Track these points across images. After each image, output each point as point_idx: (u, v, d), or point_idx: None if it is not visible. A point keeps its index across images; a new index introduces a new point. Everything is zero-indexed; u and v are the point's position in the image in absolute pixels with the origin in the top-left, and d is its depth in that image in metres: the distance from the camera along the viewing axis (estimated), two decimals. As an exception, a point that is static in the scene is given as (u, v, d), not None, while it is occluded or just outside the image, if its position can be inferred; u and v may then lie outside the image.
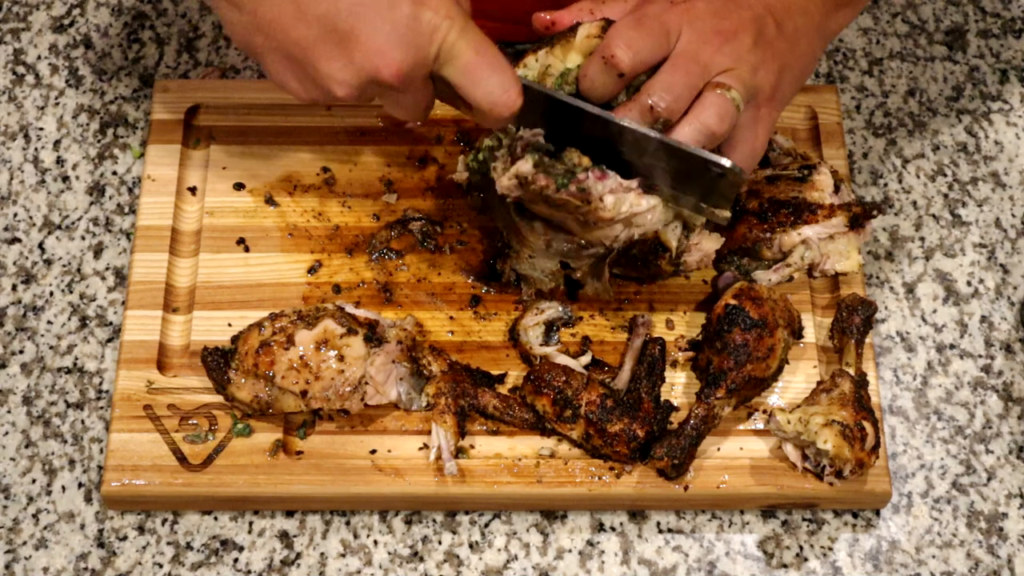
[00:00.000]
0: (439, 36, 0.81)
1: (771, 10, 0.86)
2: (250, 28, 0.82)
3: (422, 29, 0.80)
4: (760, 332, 0.90)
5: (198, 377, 0.94)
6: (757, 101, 0.85)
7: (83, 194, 1.05)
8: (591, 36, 0.87)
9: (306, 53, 0.81)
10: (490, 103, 0.82)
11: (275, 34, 0.81)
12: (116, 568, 0.91)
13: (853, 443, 0.88)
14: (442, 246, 1.01)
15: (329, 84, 0.82)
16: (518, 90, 0.83)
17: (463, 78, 0.82)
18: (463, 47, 0.81)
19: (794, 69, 0.88)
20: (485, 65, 0.82)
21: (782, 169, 0.99)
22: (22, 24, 1.14)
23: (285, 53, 0.82)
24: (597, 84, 0.84)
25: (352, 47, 0.80)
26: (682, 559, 0.92)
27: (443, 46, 0.81)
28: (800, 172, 0.98)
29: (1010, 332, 1.01)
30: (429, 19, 0.80)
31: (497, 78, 0.82)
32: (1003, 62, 1.14)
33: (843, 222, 0.96)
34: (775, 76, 0.86)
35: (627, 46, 0.83)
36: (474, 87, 0.82)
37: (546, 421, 0.92)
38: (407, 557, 0.92)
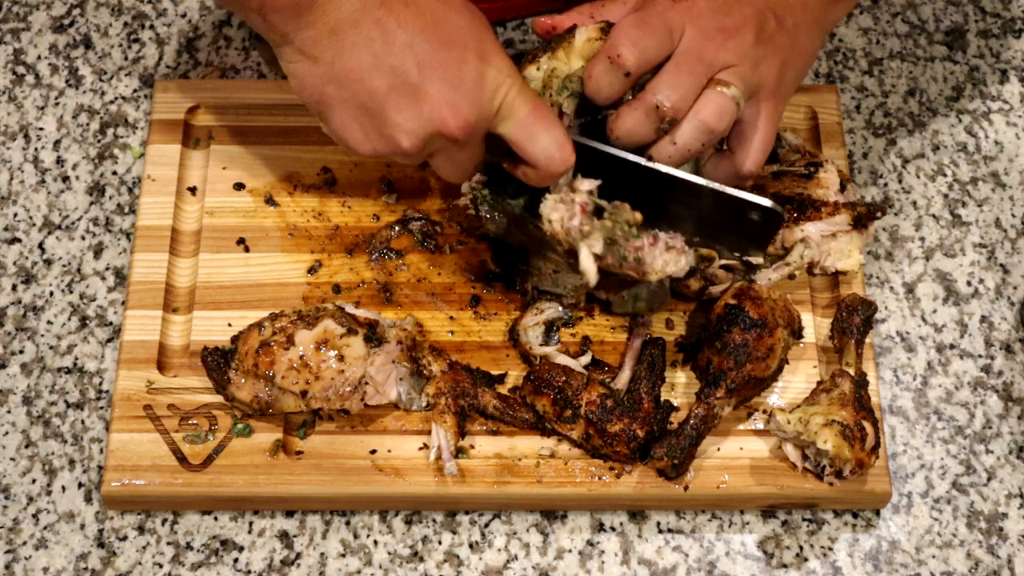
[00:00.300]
0: (501, 93, 0.84)
1: (771, 6, 0.87)
2: (324, 79, 0.85)
3: (487, 85, 0.83)
4: (760, 332, 0.90)
5: (198, 377, 0.94)
6: (761, 95, 0.86)
7: (83, 194, 1.05)
8: (591, 39, 0.87)
9: (378, 103, 0.84)
10: (547, 158, 0.85)
11: (350, 84, 0.84)
12: (116, 568, 0.91)
13: (853, 443, 0.88)
14: (442, 246, 1.01)
15: (396, 134, 0.84)
16: (571, 146, 0.86)
17: (521, 133, 0.85)
18: (521, 104, 0.85)
19: (796, 63, 0.89)
20: (541, 121, 0.85)
21: (788, 166, 0.99)
22: (22, 24, 1.14)
23: (357, 103, 0.85)
24: (603, 85, 0.85)
25: (422, 99, 0.83)
26: (682, 559, 0.92)
27: (504, 103, 0.84)
28: (806, 169, 0.98)
29: (1010, 332, 1.01)
30: (493, 76, 0.84)
31: (552, 133, 0.85)
32: (1003, 62, 1.14)
33: (846, 220, 0.96)
34: (778, 70, 0.87)
35: (632, 45, 0.83)
36: (531, 143, 0.85)
37: (546, 421, 0.92)
38: (407, 557, 0.92)
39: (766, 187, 0.97)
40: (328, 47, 0.84)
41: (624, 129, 0.85)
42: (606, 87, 0.85)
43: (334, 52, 0.84)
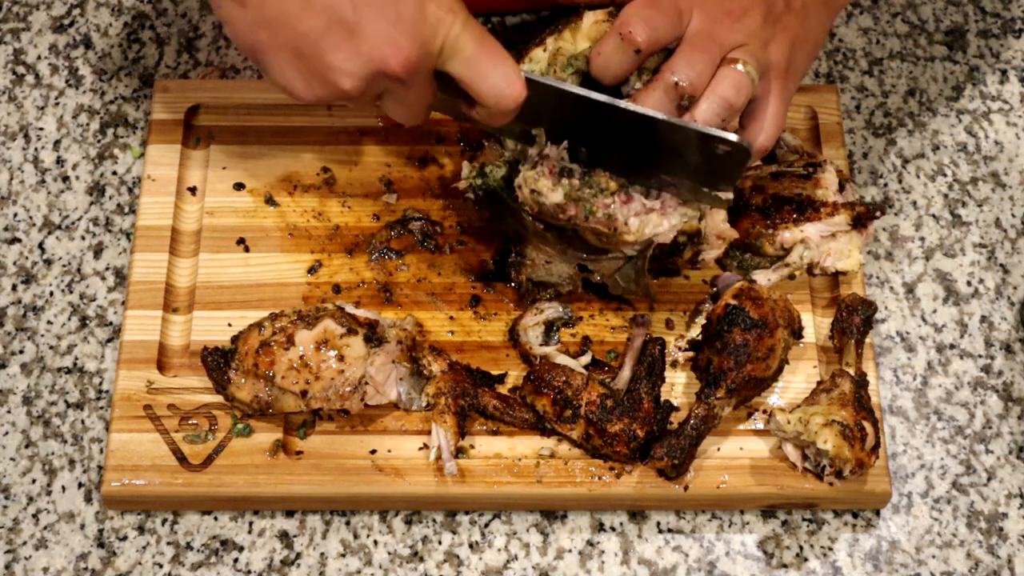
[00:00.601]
0: (443, 29, 0.81)
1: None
2: (255, 24, 0.82)
3: (428, 21, 0.80)
4: (760, 332, 0.90)
5: (198, 377, 0.94)
6: (771, 75, 0.87)
7: (83, 194, 1.05)
8: (599, 21, 0.88)
9: (313, 46, 0.81)
10: (496, 95, 0.83)
11: (281, 28, 0.81)
12: (116, 568, 0.91)
13: (853, 443, 0.88)
14: (442, 246, 1.01)
15: (336, 77, 0.81)
16: (522, 82, 0.83)
17: (468, 70, 0.83)
18: (467, 40, 0.82)
19: (805, 43, 0.89)
20: (489, 57, 0.82)
21: (788, 166, 0.99)
22: (22, 24, 1.14)
23: (291, 48, 0.82)
24: (612, 62, 0.85)
25: (359, 38, 0.80)
26: (682, 559, 0.92)
27: (447, 39, 0.81)
28: (805, 170, 0.98)
29: (1010, 332, 1.01)
30: (434, 12, 0.81)
31: (501, 69, 0.83)
32: (1003, 62, 1.14)
33: (846, 220, 0.96)
34: (787, 50, 0.87)
35: (643, 22, 0.84)
36: (479, 79, 0.83)
37: (546, 421, 0.92)
38: (407, 557, 0.92)
39: (765, 187, 0.97)
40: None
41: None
42: (615, 64, 0.85)
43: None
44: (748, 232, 0.97)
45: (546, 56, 0.89)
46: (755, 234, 0.97)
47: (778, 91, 0.87)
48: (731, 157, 0.85)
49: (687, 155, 0.86)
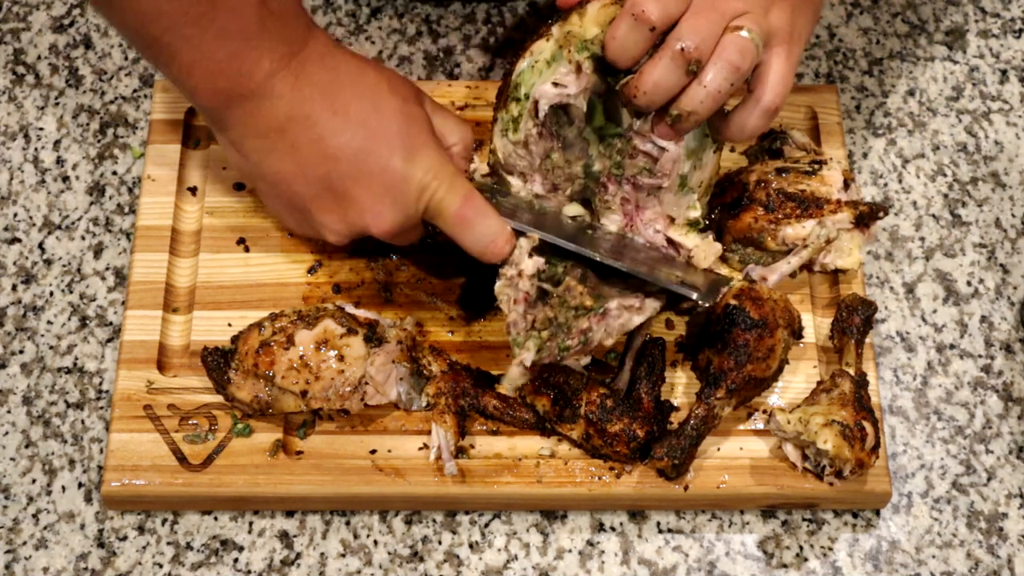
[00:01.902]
0: (427, 195, 0.87)
1: None
2: (254, 176, 0.90)
3: (411, 189, 0.87)
4: (760, 332, 0.90)
5: (198, 377, 0.94)
6: (775, 41, 0.87)
7: (83, 194, 1.05)
8: (605, 5, 0.87)
9: (304, 205, 0.89)
10: (480, 250, 0.89)
11: (276, 185, 0.89)
12: (116, 568, 0.91)
13: (853, 443, 0.88)
14: (442, 246, 1.01)
15: (323, 232, 0.90)
16: (506, 239, 0.88)
17: (453, 229, 0.89)
18: (449, 203, 0.88)
19: (805, 10, 0.90)
20: (473, 215, 0.88)
21: (793, 162, 0.99)
22: (22, 24, 1.14)
23: (285, 200, 0.90)
24: (628, 42, 0.85)
25: (346, 205, 0.87)
26: (682, 559, 0.92)
27: (431, 202, 0.88)
28: (810, 166, 0.98)
29: (1010, 332, 1.01)
30: (420, 178, 0.87)
31: (485, 225, 0.88)
32: (1003, 62, 1.14)
33: (848, 218, 0.96)
34: (789, 15, 0.88)
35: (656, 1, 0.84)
36: (463, 236, 0.89)
37: (546, 421, 0.92)
38: (407, 557, 0.92)
39: (769, 183, 0.97)
40: (255, 149, 0.88)
41: (651, 82, 0.84)
42: (632, 45, 0.85)
43: (260, 155, 0.88)
44: (751, 227, 0.97)
45: (551, 44, 0.89)
46: (758, 229, 0.97)
47: (783, 54, 0.88)
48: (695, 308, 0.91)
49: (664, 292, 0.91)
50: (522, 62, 0.90)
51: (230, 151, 0.91)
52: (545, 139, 0.91)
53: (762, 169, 0.99)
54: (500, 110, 0.92)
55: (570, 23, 0.88)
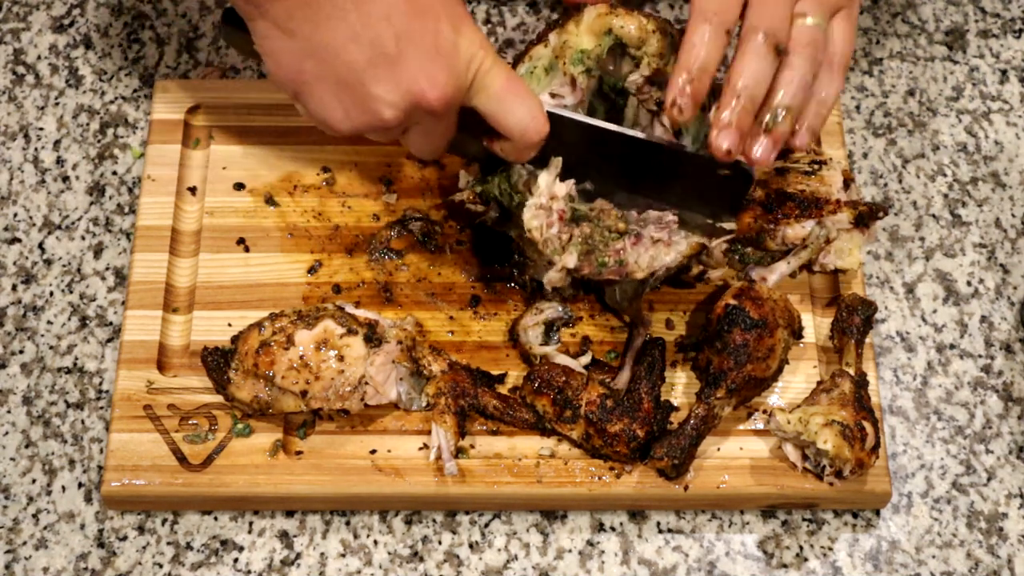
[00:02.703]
0: (475, 64, 0.85)
1: None
2: (302, 54, 0.85)
3: (461, 56, 0.84)
4: (760, 332, 0.90)
5: (198, 377, 0.94)
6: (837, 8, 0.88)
7: (83, 194, 1.05)
8: (601, 15, 0.88)
9: (357, 76, 0.84)
10: (522, 129, 0.86)
11: (327, 58, 0.84)
12: (116, 568, 0.91)
13: (853, 443, 0.88)
14: (442, 246, 1.01)
15: (377, 106, 0.84)
16: (545, 117, 0.86)
17: (496, 104, 0.86)
18: (495, 75, 0.85)
19: None
20: (515, 93, 0.86)
21: (793, 162, 0.99)
22: (22, 24, 1.14)
23: (335, 78, 0.84)
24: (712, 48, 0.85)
25: (401, 71, 0.83)
26: (682, 559, 0.92)
27: (478, 74, 0.85)
28: (810, 166, 0.98)
29: (1010, 332, 1.01)
30: (467, 47, 0.84)
31: (527, 104, 0.86)
32: (1003, 62, 1.14)
33: (848, 219, 0.96)
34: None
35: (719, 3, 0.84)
36: (506, 114, 0.86)
37: (546, 421, 0.92)
38: (407, 557, 0.92)
39: (769, 182, 0.97)
40: (304, 19, 0.83)
41: (751, 72, 0.84)
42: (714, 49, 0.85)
43: (311, 25, 0.83)
44: (750, 226, 0.97)
45: (549, 52, 0.89)
46: (757, 228, 0.97)
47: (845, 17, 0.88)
48: (733, 182, 0.88)
49: (692, 183, 0.89)
50: (521, 67, 0.91)
51: (272, 38, 0.85)
52: None
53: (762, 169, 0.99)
54: None
55: (567, 31, 0.88)
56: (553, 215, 0.86)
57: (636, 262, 0.88)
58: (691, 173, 0.89)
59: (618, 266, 0.87)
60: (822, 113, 0.89)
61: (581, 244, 0.87)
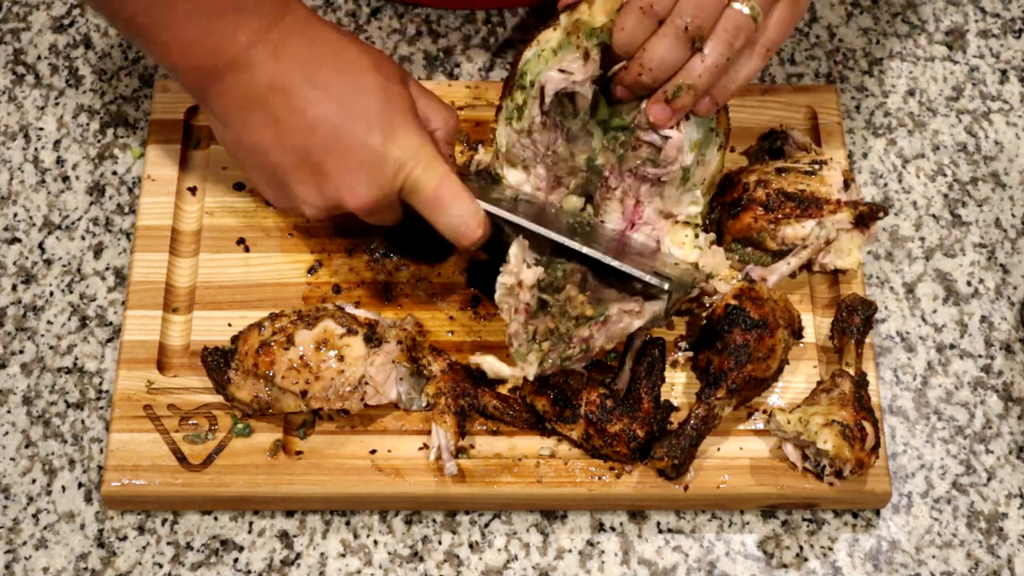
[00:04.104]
0: (403, 173, 0.87)
1: None
2: (235, 145, 0.90)
3: (388, 166, 0.87)
4: (760, 332, 0.90)
5: (198, 377, 0.94)
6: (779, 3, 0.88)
7: (83, 194, 1.05)
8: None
9: (282, 176, 0.89)
10: (452, 232, 0.89)
11: (256, 155, 0.89)
12: (116, 568, 0.91)
13: (853, 443, 0.88)
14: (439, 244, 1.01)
15: (300, 205, 0.89)
16: (479, 220, 0.89)
17: (427, 209, 0.89)
18: (425, 182, 0.87)
19: None
20: (446, 200, 0.88)
21: (793, 162, 0.99)
22: (22, 24, 1.14)
23: (264, 171, 0.90)
24: (638, 33, 0.86)
25: (322, 179, 0.87)
26: (682, 559, 0.92)
27: (407, 181, 0.87)
28: (811, 166, 0.98)
29: (1010, 332, 1.01)
30: (396, 157, 0.87)
31: (458, 211, 0.88)
32: (1003, 62, 1.14)
33: (848, 219, 0.96)
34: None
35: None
36: (437, 217, 0.89)
37: (546, 421, 0.92)
38: (407, 557, 0.92)
39: (770, 182, 0.97)
40: (236, 119, 0.88)
41: (657, 59, 0.85)
42: (641, 36, 0.86)
43: (241, 125, 0.88)
44: (750, 226, 0.97)
45: (558, 34, 0.89)
46: (757, 228, 0.97)
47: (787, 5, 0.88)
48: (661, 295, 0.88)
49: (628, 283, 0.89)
50: (529, 50, 0.90)
51: (215, 124, 0.91)
52: (549, 129, 0.91)
53: (762, 169, 0.99)
54: (505, 98, 0.92)
55: (579, 11, 0.88)
56: (520, 304, 0.86)
57: (605, 340, 0.87)
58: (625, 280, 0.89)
59: (584, 353, 0.87)
60: (730, 89, 0.88)
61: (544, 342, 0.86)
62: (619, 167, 0.92)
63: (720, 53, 0.85)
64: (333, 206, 0.88)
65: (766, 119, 1.05)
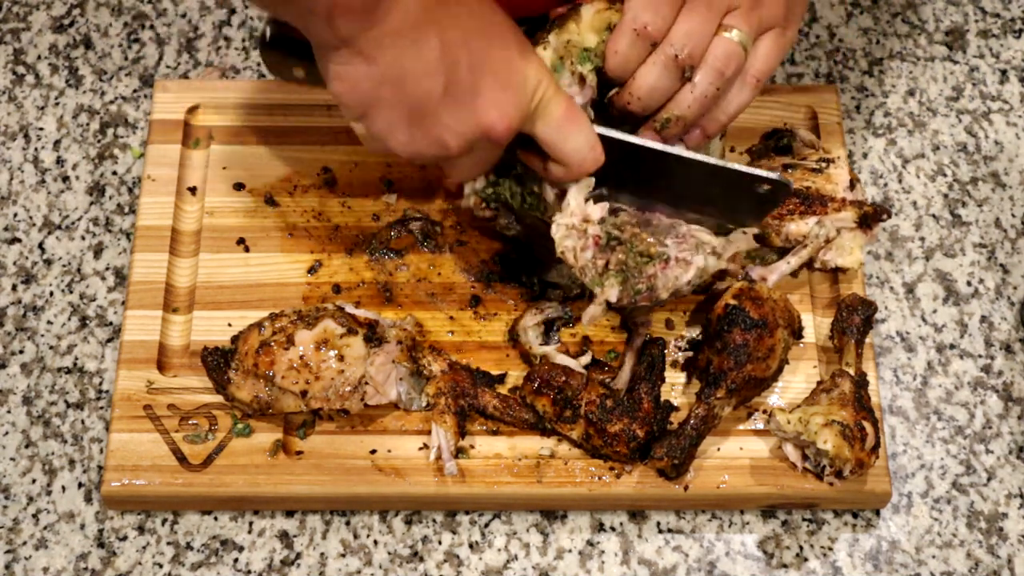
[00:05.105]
0: (539, 93, 0.85)
1: None
2: (380, 80, 0.84)
3: (528, 85, 0.84)
4: (760, 332, 0.90)
5: (198, 377, 0.94)
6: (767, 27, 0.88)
7: (83, 194, 1.05)
8: (600, 11, 0.88)
9: (433, 104, 0.84)
10: (580, 158, 0.87)
11: (406, 85, 0.84)
12: (116, 568, 0.91)
13: (853, 443, 0.88)
14: (442, 246, 1.01)
15: (445, 135, 0.85)
16: (601, 147, 0.87)
17: (556, 134, 0.86)
18: (556, 104, 0.85)
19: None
20: (574, 122, 0.86)
21: (800, 159, 0.99)
22: (22, 24, 1.14)
23: (409, 104, 0.84)
24: (631, 57, 0.86)
25: (472, 99, 0.83)
26: (682, 559, 0.92)
27: (541, 102, 0.85)
28: (818, 164, 0.98)
29: (1010, 332, 1.01)
30: (533, 75, 0.84)
31: (585, 134, 0.86)
32: (1003, 62, 1.14)
33: (852, 218, 0.96)
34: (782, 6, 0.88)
35: (655, 12, 0.85)
36: (564, 143, 0.86)
37: (546, 421, 0.92)
38: (407, 557, 0.92)
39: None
40: (389, 47, 0.83)
41: (647, 87, 0.86)
42: (635, 59, 0.86)
43: (395, 53, 0.83)
44: None
45: (550, 53, 0.89)
46: (762, 224, 0.97)
47: (773, 36, 0.88)
48: (770, 196, 0.89)
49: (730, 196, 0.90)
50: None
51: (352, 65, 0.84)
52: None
53: (769, 165, 0.99)
54: None
55: (567, 31, 0.88)
56: (588, 239, 0.87)
57: (662, 285, 0.89)
58: (728, 187, 0.90)
59: (649, 292, 0.88)
60: (721, 120, 0.89)
61: (618, 274, 0.87)
62: None
63: (709, 83, 0.85)
64: (481, 132, 0.84)
65: (766, 119, 1.06)
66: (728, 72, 0.85)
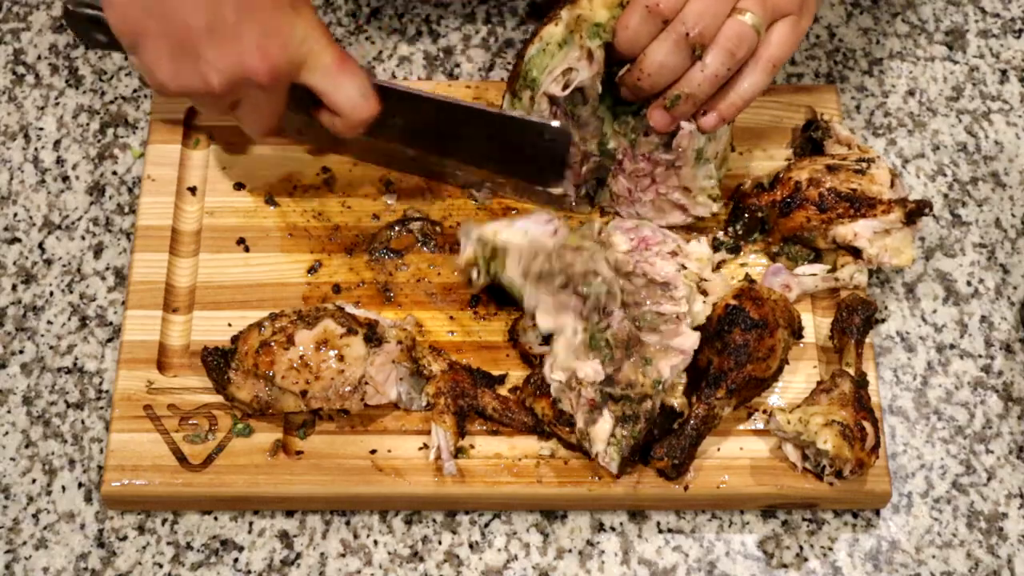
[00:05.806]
0: (308, 44, 0.88)
1: None
2: (146, 12, 0.87)
3: (296, 34, 0.87)
4: (760, 332, 0.90)
5: (198, 377, 0.94)
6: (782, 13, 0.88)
7: (83, 194, 1.05)
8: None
9: (195, 39, 0.86)
10: (352, 106, 0.90)
11: (170, 18, 0.86)
12: (116, 568, 0.91)
13: (853, 443, 0.88)
14: (442, 246, 1.01)
15: (207, 71, 0.86)
16: (375, 96, 0.90)
17: (327, 82, 0.89)
18: (327, 55, 0.89)
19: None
20: (346, 71, 0.90)
21: (841, 159, 0.99)
22: (22, 24, 1.14)
23: (173, 38, 0.86)
24: (642, 33, 0.86)
25: (237, 40, 0.86)
26: (682, 559, 0.92)
27: (311, 53, 0.88)
28: (858, 164, 0.98)
29: (1010, 332, 1.01)
30: (303, 27, 0.88)
31: (356, 82, 0.90)
32: (1003, 62, 1.14)
33: (899, 217, 0.96)
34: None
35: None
36: (336, 91, 0.89)
37: (545, 424, 0.92)
38: (407, 557, 0.92)
39: (821, 180, 0.97)
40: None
41: (656, 64, 0.86)
42: (644, 36, 0.86)
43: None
44: (803, 226, 0.97)
45: (561, 29, 0.89)
46: (809, 228, 0.97)
47: (789, 22, 0.89)
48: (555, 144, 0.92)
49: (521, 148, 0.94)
50: (532, 47, 0.91)
51: None
52: (559, 118, 0.92)
53: (812, 167, 0.98)
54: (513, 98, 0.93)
55: (579, 6, 0.88)
56: (582, 399, 0.87)
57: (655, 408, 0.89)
58: (518, 138, 0.93)
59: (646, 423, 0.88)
60: (737, 104, 0.90)
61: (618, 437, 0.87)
62: (632, 151, 0.93)
63: (720, 63, 0.86)
64: (243, 72, 0.86)
65: (766, 119, 1.06)
66: (740, 53, 0.86)
